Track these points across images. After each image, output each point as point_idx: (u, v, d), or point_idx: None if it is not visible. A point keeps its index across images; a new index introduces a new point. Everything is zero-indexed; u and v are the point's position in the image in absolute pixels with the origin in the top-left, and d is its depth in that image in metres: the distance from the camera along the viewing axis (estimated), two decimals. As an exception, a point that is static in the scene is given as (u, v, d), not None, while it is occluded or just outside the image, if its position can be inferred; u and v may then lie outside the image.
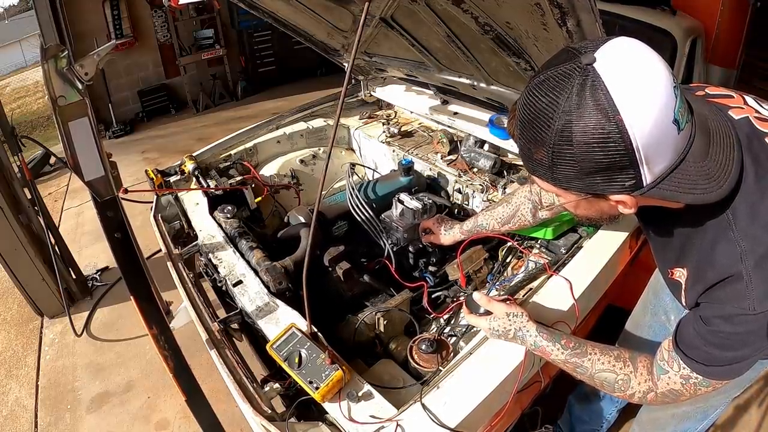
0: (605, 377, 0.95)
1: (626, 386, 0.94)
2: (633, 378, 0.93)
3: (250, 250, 1.55)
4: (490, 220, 1.42)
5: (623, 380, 0.94)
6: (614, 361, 0.95)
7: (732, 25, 2.66)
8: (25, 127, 7.06)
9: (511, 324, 1.08)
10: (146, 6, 5.54)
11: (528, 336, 1.05)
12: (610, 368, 0.95)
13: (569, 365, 1.00)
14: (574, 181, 0.70)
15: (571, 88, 0.64)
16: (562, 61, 0.67)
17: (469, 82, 1.84)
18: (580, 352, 0.99)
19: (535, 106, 0.68)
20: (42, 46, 0.97)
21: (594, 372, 0.96)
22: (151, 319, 1.24)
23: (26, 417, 2.28)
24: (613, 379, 0.94)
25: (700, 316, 0.81)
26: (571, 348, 1.00)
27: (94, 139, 1.04)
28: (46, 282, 2.74)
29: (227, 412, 1.68)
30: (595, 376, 0.96)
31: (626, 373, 0.93)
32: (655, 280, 1.41)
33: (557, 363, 1.03)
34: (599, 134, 0.63)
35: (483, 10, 1.24)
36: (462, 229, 1.50)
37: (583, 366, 0.98)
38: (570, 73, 0.65)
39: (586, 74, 0.63)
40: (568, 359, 1.00)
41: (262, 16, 2.03)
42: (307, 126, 2.33)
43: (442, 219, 1.60)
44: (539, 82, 0.68)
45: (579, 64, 0.64)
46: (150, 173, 1.88)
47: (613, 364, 0.95)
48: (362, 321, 1.34)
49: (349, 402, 1.04)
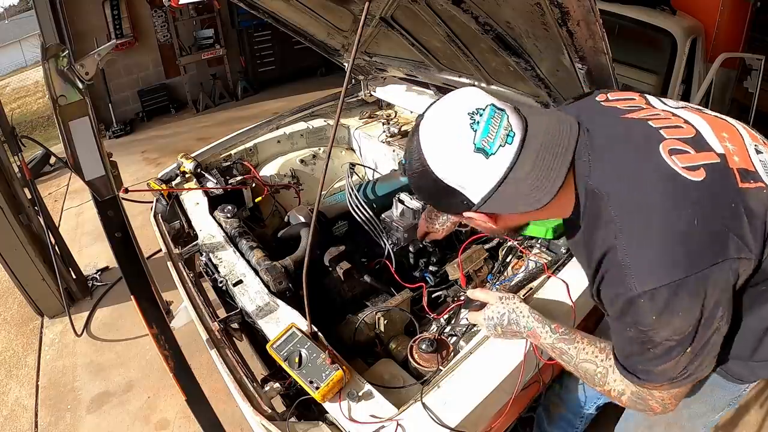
0: (587, 368, 0.95)
1: (603, 380, 0.92)
2: (611, 373, 0.91)
3: (250, 249, 1.55)
4: None
5: (602, 373, 0.92)
6: (598, 352, 0.94)
7: (732, 25, 2.66)
8: (25, 127, 7.06)
9: (505, 307, 1.08)
10: (146, 6, 5.54)
11: (521, 317, 1.06)
12: (592, 359, 0.94)
13: (556, 351, 1.00)
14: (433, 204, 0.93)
15: (412, 136, 0.84)
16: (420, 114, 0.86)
17: (469, 82, 1.83)
18: (568, 338, 0.99)
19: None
20: (42, 46, 0.97)
21: (578, 361, 0.96)
22: (151, 319, 1.24)
23: (26, 417, 2.28)
24: (593, 371, 0.94)
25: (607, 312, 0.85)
26: (560, 333, 1.00)
27: (95, 138, 1.05)
28: (46, 282, 2.74)
29: (227, 412, 1.68)
30: (578, 366, 0.96)
31: (605, 367, 0.92)
32: None
33: (545, 348, 1.03)
34: (418, 172, 0.82)
35: (483, 9, 1.24)
36: (452, 219, 1.47)
37: (568, 353, 0.98)
38: (416, 124, 0.85)
39: (417, 126, 0.83)
40: (555, 344, 1.00)
41: (262, 16, 2.03)
42: (307, 126, 2.33)
43: (431, 213, 1.54)
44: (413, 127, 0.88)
45: (419, 118, 0.85)
46: (153, 185, 1.87)
47: (596, 355, 0.94)
48: (362, 321, 1.34)
49: (350, 402, 1.04)
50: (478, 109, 0.78)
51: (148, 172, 4.45)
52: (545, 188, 0.77)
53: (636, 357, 0.82)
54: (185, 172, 1.95)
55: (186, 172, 1.95)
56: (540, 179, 0.77)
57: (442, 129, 0.79)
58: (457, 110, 0.79)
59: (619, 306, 0.78)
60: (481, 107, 0.78)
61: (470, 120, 0.77)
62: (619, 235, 0.76)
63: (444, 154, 0.78)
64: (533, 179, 0.77)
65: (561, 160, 0.77)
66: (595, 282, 0.83)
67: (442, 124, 0.79)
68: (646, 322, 0.75)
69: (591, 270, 0.83)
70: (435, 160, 0.79)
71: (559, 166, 0.77)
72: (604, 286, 0.81)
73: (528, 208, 0.78)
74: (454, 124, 0.77)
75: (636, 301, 0.74)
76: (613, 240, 0.77)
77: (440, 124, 0.80)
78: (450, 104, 0.81)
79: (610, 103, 0.94)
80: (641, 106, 0.92)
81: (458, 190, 0.80)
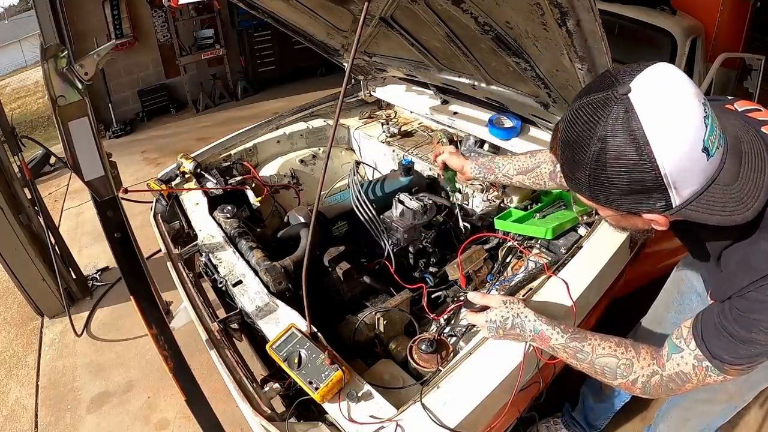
0: (606, 362, 0.95)
1: (629, 371, 0.92)
2: (636, 362, 0.92)
3: (250, 250, 1.55)
4: (509, 164, 1.42)
5: (625, 365, 0.93)
6: (615, 346, 0.95)
7: (732, 25, 2.66)
8: (25, 127, 7.06)
9: (509, 311, 1.07)
10: (146, 6, 5.54)
11: (527, 321, 1.05)
12: (611, 353, 0.94)
13: (569, 350, 0.99)
14: (609, 200, 0.75)
15: (607, 117, 0.69)
16: (601, 88, 0.71)
17: (469, 82, 1.83)
18: (579, 337, 0.99)
19: (575, 130, 0.73)
20: (42, 46, 0.97)
21: (595, 357, 0.96)
22: (151, 319, 1.24)
23: (26, 417, 2.28)
24: (615, 364, 0.94)
25: (733, 305, 0.81)
26: (570, 333, 1.00)
27: (94, 138, 1.04)
28: (46, 282, 2.74)
29: (227, 412, 1.68)
30: (595, 362, 0.96)
31: (628, 358, 0.93)
32: (680, 278, 1.41)
33: (556, 350, 1.02)
34: (631, 162, 0.68)
35: (483, 9, 1.24)
36: (477, 160, 1.52)
37: (583, 351, 0.97)
38: (607, 102, 0.69)
39: (622, 104, 0.68)
40: (568, 344, 0.99)
41: (262, 16, 2.03)
42: (307, 126, 2.33)
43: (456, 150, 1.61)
44: (579, 107, 0.73)
45: (616, 92, 0.69)
46: (153, 185, 1.87)
47: (614, 349, 0.94)
48: (362, 321, 1.34)
49: (349, 402, 1.04)
50: (705, 101, 0.69)
51: (147, 172, 4.45)
52: (749, 204, 0.72)
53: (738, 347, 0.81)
54: (185, 173, 1.95)
55: (186, 173, 1.95)
56: (746, 191, 0.72)
57: (679, 117, 0.67)
58: (690, 97, 0.68)
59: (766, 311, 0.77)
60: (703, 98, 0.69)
61: (704, 113, 0.67)
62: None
63: (678, 147, 0.66)
64: (738, 191, 0.71)
65: (764, 176, 0.73)
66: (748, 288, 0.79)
67: (678, 111, 0.67)
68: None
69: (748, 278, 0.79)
70: (667, 152, 0.66)
71: (764, 183, 0.72)
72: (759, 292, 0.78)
73: (727, 221, 0.72)
74: (691, 115, 0.67)
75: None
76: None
77: (675, 110, 0.67)
78: (677, 86, 0.68)
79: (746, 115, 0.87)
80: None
81: (667, 188, 0.69)
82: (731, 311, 0.81)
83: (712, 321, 0.84)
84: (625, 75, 0.70)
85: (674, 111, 0.67)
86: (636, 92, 0.67)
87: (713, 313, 0.85)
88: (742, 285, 0.79)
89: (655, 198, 0.72)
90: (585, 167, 0.73)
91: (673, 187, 0.69)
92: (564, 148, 0.77)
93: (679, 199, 0.71)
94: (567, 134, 0.75)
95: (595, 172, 0.72)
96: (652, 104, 0.67)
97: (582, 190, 0.78)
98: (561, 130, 0.77)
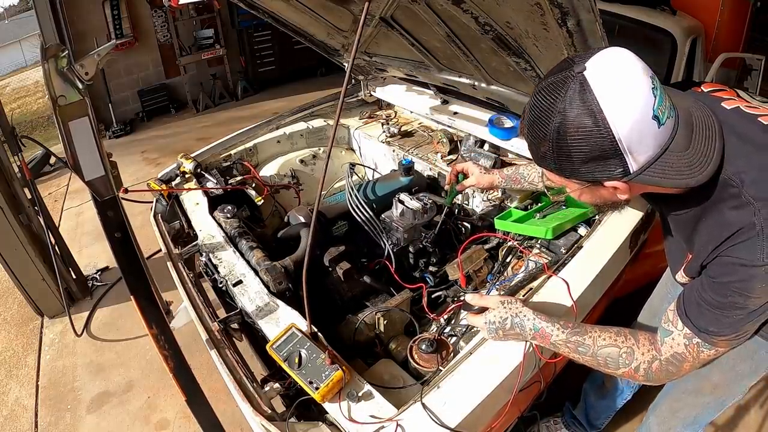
0: (608, 353, 0.97)
1: (630, 358, 0.95)
2: (636, 349, 0.95)
3: (250, 250, 1.55)
4: (533, 172, 1.46)
5: (627, 353, 0.95)
6: (615, 336, 0.97)
7: (732, 25, 2.66)
8: (25, 127, 7.06)
9: (507, 311, 1.08)
10: (146, 6, 5.54)
11: (526, 320, 1.06)
12: (612, 343, 0.97)
13: (571, 345, 1.00)
14: (573, 170, 0.82)
15: (566, 92, 0.77)
16: (560, 69, 0.80)
17: (469, 82, 1.84)
18: (580, 331, 1.00)
19: (538, 108, 0.81)
20: (42, 46, 0.97)
21: (596, 349, 0.98)
22: (151, 319, 1.24)
23: (26, 417, 2.28)
24: (617, 354, 0.96)
25: (706, 274, 0.87)
26: (570, 328, 1.01)
27: (95, 138, 1.04)
28: (46, 282, 2.74)
29: (227, 412, 1.68)
30: (597, 354, 0.98)
31: (629, 346, 0.96)
32: None
33: (558, 346, 1.03)
34: (588, 129, 0.76)
35: (483, 9, 1.24)
36: (502, 173, 1.54)
37: (585, 344, 0.99)
38: (565, 80, 0.78)
39: (577, 80, 0.76)
40: (569, 338, 1.00)
41: (262, 16, 2.03)
42: (307, 126, 2.33)
43: (476, 162, 1.63)
44: (541, 88, 0.81)
45: (572, 72, 0.77)
46: (153, 185, 1.87)
47: (614, 339, 0.97)
48: (362, 321, 1.34)
49: (349, 402, 1.04)
50: (653, 75, 0.76)
51: (148, 172, 4.45)
52: (702, 169, 0.80)
53: (720, 315, 0.85)
54: (185, 172, 1.96)
55: (186, 173, 1.95)
56: (698, 157, 0.80)
57: (629, 88, 0.74)
58: (638, 71, 0.76)
59: (736, 272, 0.81)
60: (651, 73, 0.77)
61: (651, 85, 0.75)
62: (758, 213, 0.79)
63: (629, 113, 0.74)
64: (690, 157, 0.80)
65: (714, 144, 0.81)
66: (715, 252, 0.85)
67: (628, 83, 0.75)
68: (755, 288, 0.80)
69: (714, 242, 0.85)
70: (619, 118, 0.74)
71: (714, 151, 0.81)
72: (726, 255, 0.83)
73: (681, 184, 0.81)
74: (639, 86, 0.75)
75: (757, 271, 0.79)
76: (751, 218, 0.80)
77: (625, 82, 0.75)
78: (626, 62, 0.77)
79: (714, 95, 0.95)
80: (733, 98, 0.94)
81: (623, 154, 0.77)
82: (706, 281, 0.87)
83: (692, 297, 0.89)
84: (581, 58, 0.78)
85: (624, 83, 0.75)
86: (590, 70, 0.76)
87: (692, 289, 0.90)
88: (709, 252, 0.85)
89: (612, 164, 0.78)
90: (549, 140, 0.80)
91: (629, 152, 0.76)
92: (530, 127, 0.84)
93: (635, 164, 0.78)
94: (532, 113, 0.82)
95: (558, 143, 0.79)
96: (605, 78, 0.75)
97: (548, 164, 0.85)
98: (527, 112, 0.85)
